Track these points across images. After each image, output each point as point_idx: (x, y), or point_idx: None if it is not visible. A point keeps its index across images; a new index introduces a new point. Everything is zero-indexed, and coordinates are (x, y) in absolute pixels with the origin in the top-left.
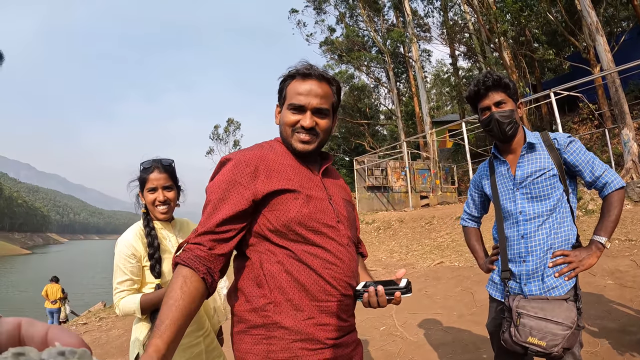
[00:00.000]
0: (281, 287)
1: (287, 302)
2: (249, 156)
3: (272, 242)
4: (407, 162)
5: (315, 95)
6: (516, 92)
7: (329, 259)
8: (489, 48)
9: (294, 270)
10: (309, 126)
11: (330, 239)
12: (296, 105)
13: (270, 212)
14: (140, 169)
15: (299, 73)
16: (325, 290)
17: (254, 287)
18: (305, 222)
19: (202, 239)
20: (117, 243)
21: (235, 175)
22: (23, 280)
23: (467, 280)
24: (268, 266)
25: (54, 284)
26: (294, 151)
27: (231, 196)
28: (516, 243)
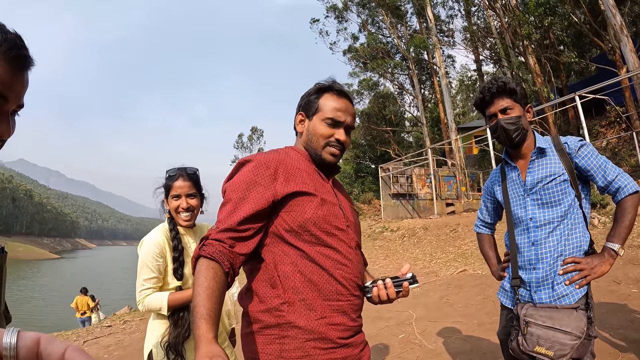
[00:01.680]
0: (295, 287)
1: (300, 302)
2: (268, 159)
3: (287, 242)
4: (433, 169)
5: (350, 113)
6: (524, 96)
7: (340, 259)
8: (514, 52)
9: (307, 271)
10: (343, 140)
11: (341, 241)
12: (335, 120)
13: (287, 213)
14: (166, 176)
15: (333, 89)
16: (336, 290)
17: (267, 287)
18: (319, 223)
19: (222, 236)
20: (143, 242)
21: (255, 176)
22: (51, 283)
23: (490, 289)
24: (282, 267)
25: (82, 295)
26: (321, 162)
27: (252, 196)
28: (526, 250)
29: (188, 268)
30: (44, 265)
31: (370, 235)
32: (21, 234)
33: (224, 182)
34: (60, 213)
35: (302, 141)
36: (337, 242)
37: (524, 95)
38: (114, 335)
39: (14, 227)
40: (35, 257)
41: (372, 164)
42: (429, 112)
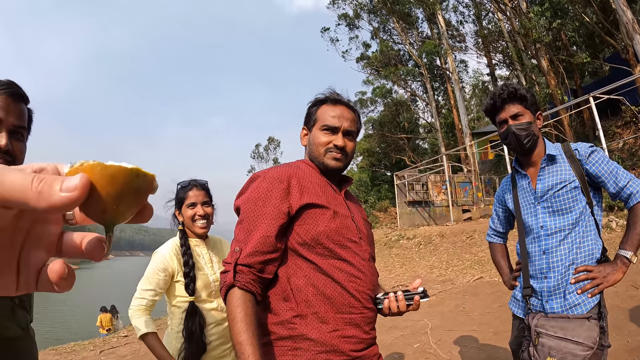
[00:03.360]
0: (307, 300)
1: (313, 315)
2: (280, 172)
3: (300, 255)
4: (448, 176)
5: (346, 118)
6: (535, 102)
7: (353, 272)
8: (526, 55)
9: (320, 284)
10: (341, 145)
11: (354, 253)
12: (330, 126)
13: (300, 226)
14: (178, 187)
15: (329, 99)
16: (349, 303)
17: (280, 300)
18: (332, 236)
19: (251, 260)
20: (154, 254)
21: (270, 191)
22: (70, 294)
23: (506, 296)
24: (295, 280)
25: (105, 314)
26: (325, 169)
27: (268, 211)
28: (537, 259)
29: (200, 282)
30: None
31: (386, 243)
32: None
33: (235, 198)
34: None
35: (307, 154)
36: (350, 255)
37: (535, 102)
38: (130, 345)
39: None
40: None
41: (388, 171)
42: (443, 118)
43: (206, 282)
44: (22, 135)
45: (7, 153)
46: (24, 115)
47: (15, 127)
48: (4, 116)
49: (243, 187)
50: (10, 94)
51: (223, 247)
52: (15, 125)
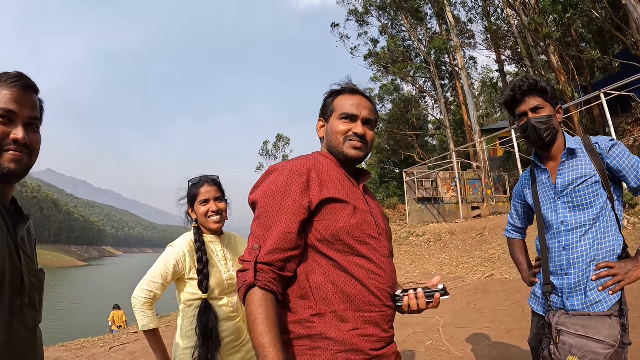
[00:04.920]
0: (327, 298)
1: (332, 314)
2: (299, 165)
3: (319, 252)
4: (457, 173)
5: (364, 107)
6: (554, 96)
7: (373, 269)
8: (536, 51)
9: (339, 282)
10: (361, 133)
11: (374, 250)
12: (349, 114)
13: (320, 222)
14: (189, 185)
15: (346, 89)
16: (369, 301)
17: (298, 299)
18: (352, 232)
19: (271, 258)
20: (167, 248)
21: (289, 185)
22: (79, 291)
23: (518, 294)
24: (314, 278)
25: (117, 310)
26: (345, 159)
27: (288, 206)
28: (558, 255)
29: (213, 279)
30: (71, 273)
31: (395, 240)
32: (49, 242)
33: (251, 192)
34: (88, 221)
35: (325, 145)
36: (371, 251)
37: (555, 95)
38: (140, 342)
39: (42, 235)
40: (63, 264)
41: (397, 168)
42: (452, 114)
43: (219, 280)
44: (36, 127)
45: (24, 146)
46: (37, 106)
47: (29, 119)
48: (18, 109)
49: (259, 180)
50: (22, 86)
51: (238, 244)
52: (29, 117)
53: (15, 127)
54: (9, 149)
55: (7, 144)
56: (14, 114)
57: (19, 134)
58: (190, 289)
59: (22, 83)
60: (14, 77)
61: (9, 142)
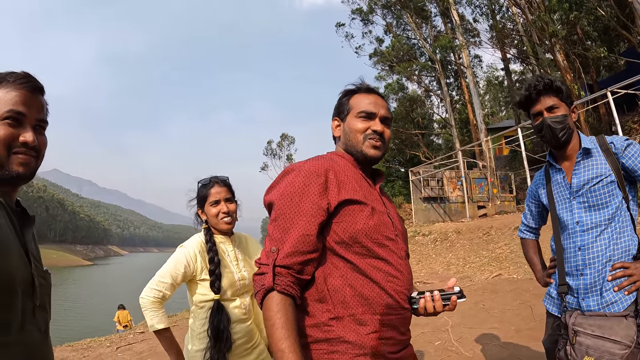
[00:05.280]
0: (345, 301)
1: (350, 317)
2: (317, 166)
3: (337, 255)
4: (463, 172)
5: (382, 105)
6: (569, 95)
7: (391, 272)
8: (541, 49)
9: (357, 284)
10: (380, 131)
11: (391, 252)
12: (367, 112)
13: (338, 224)
14: (199, 185)
15: (361, 88)
16: (387, 303)
17: (315, 302)
18: (370, 234)
19: (289, 261)
20: (178, 248)
21: (306, 186)
22: (85, 290)
23: (526, 293)
24: (332, 280)
25: (122, 310)
26: (364, 158)
27: (306, 208)
28: (573, 255)
29: (226, 280)
30: (77, 272)
31: None
32: (55, 241)
33: (266, 193)
34: (93, 221)
35: (341, 144)
36: (388, 253)
37: (570, 94)
38: (147, 342)
39: (48, 235)
40: (68, 263)
41: (402, 167)
42: (458, 113)
43: (231, 280)
44: (43, 129)
45: (32, 148)
46: (44, 107)
47: (37, 122)
48: (27, 111)
49: (275, 181)
50: (31, 87)
51: (249, 244)
52: (37, 119)
53: (23, 129)
54: (17, 152)
55: (16, 146)
56: (23, 116)
57: (29, 137)
58: (201, 290)
59: (30, 84)
60: (22, 77)
61: (18, 145)
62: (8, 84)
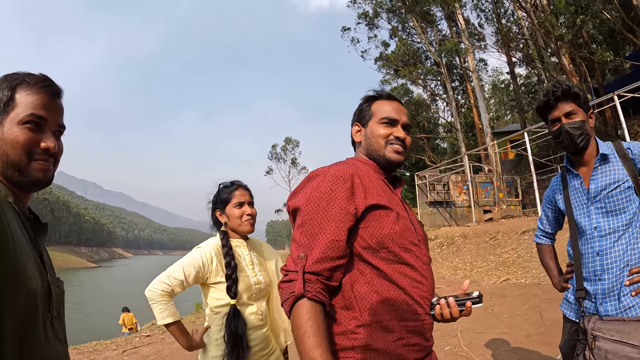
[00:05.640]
0: (371, 308)
1: (376, 324)
2: (342, 171)
3: (364, 261)
4: (469, 176)
5: (403, 112)
6: (587, 101)
7: (417, 277)
8: (546, 53)
9: (383, 291)
10: (402, 137)
11: (416, 257)
12: (390, 118)
13: (365, 229)
14: (220, 187)
15: (382, 95)
16: (413, 310)
17: (342, 309)
18: (397, 239)
19: (318, 267)
20: (194, 249)
21: (333, 191)
22: (91, 292)
23: (535, 298)
24: (358, 287)
25: (127, 313)
26: (387, 163)
27: (333, 213)
28: (591, 260)
29: (242, 284)
30: (81, 274)
31: None
32: (60, 243)
33: (290, 198)
34: (98, 223)
35: (362, 149)
36: (413, 259)
37: (587, 100)
38: (153, 345)
39: (53, 236)
40: (73, 265)
41: (407, 171)
42: (463, 117)
43: (248, 284)
44: (61, 134)
45: (52, 155)
46: (63, 112)
47: (57, 127)
48: (48, 116)
49: (299, 186)
50: (52, 92)
51: (263, 249)
52: (58, 125)
53: (44, 134)
54: (38, 158)
55: (37, 152)
56: (44, 121)
57: (51, 143)
58: (217, 294)
59: (51, 88)
60: (42, 80)
61: (38, 151)
62: (28, 86)
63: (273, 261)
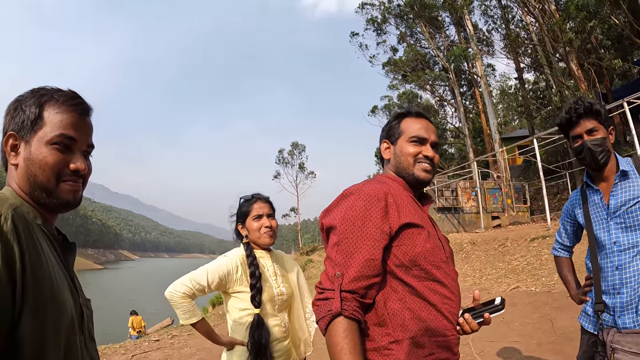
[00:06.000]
0: (404, 324)
1: (408, 340)
2: (376, 190)
3: (396, 278)
4: (478, 182)
5: (432, 131)
6: (607, 118)
7: (446, 294)
8: (555, 58)
9: (415, 307)
10: (431, 156)
11: (446, 274)
12: (419, 137)
13: (398, 247)
14: (241, 201)
15: (411, 112)
16: (443, 325)
17: (375, 325)
18: (428, 257)
19: (355, 286)
20: (220, 257)
21: (368, 210)
22: (101, 293)
23: (545, 307)
24: (391, 304)
25: (135, 316)
26: (415, 181)
27: (369, 232)
28: (610, 274)
29: (266, 294)
30: (88, 276)
31: None
32: None
33: (323, 216)
34: (105, 225)
35: (391, 167)
36: (443, 276)
37: (607, 117)
38: (162, 350)
39: None
40: (79, 267)
41: None
42: (471, 122)
43: (271, 295)
44: (89, 154)
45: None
46: (92, 131)
47: (87, 147)
48: (77, 136)
49: (332, 203)
50: (82, 110)
51: (285, 261)
52: (87, 145)
53: (73, 155)
54: (67, 179)
55: (66, 174)
56: (73, 142)
57: (81, 165)
58: (238, 304)
59: (82, 107)
60: (72, 97)
61: (67, 173)
62: (57, 104)
63: (294, 273)
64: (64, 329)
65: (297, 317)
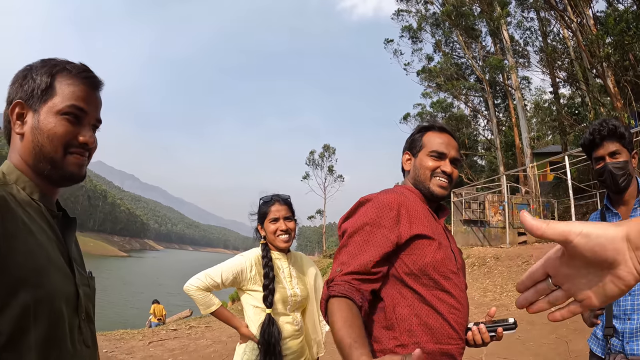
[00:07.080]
0: (411, 330)
1: (414, 345)
2: (390, 199)
3: (406, 285)
4: (506, 197)
5: (453, 146)
6: (631, 141)
7: (454, 304)
8: (591, 74)
9: (423, 314)
10: (449, 172)
11: (455, 285)
12: (438, 152)
13: (408, 256)
14: (260, 202)
15: (434, 126)
16: (449, 334)
17: (382, 329)
18: (438, 267)
19: (348, 277)
20: (237, 256)
21: (379, 218)
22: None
23: (563, 328)
24: (400, 310)
25: (157, 304)
26: (430, 194)
27: (376, 238)
28: (622, 299)
29: (278, 295)
30: (110, 262)
31: None
32: (94, 230)
33: (342, 221)
34: (132, 214)
35: (410, 178)
36: (452, 286)
37: (631, 140)
38: (179, 340)
39: (88, 223)
40: (104, 253)
41: None
42: (503, 135)
43: (284, 296)
44: (97, 128)
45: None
46: (101, 106)
47: (95, 121)
48: (88, 109)
49: (351, 209)
50: (93, 83)
51: (304, 263)
52: (96, 119)
53: (82, 128)
54: (74, 152)
55: (74, 145)
56: (84, 113)
57: (90, 137)
58: (251, 301)
59: (93, 80)
60: (84, 70)
61: (75, 145)
62: (69, 75)
63: (312, 275)
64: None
65: (312, 318)
